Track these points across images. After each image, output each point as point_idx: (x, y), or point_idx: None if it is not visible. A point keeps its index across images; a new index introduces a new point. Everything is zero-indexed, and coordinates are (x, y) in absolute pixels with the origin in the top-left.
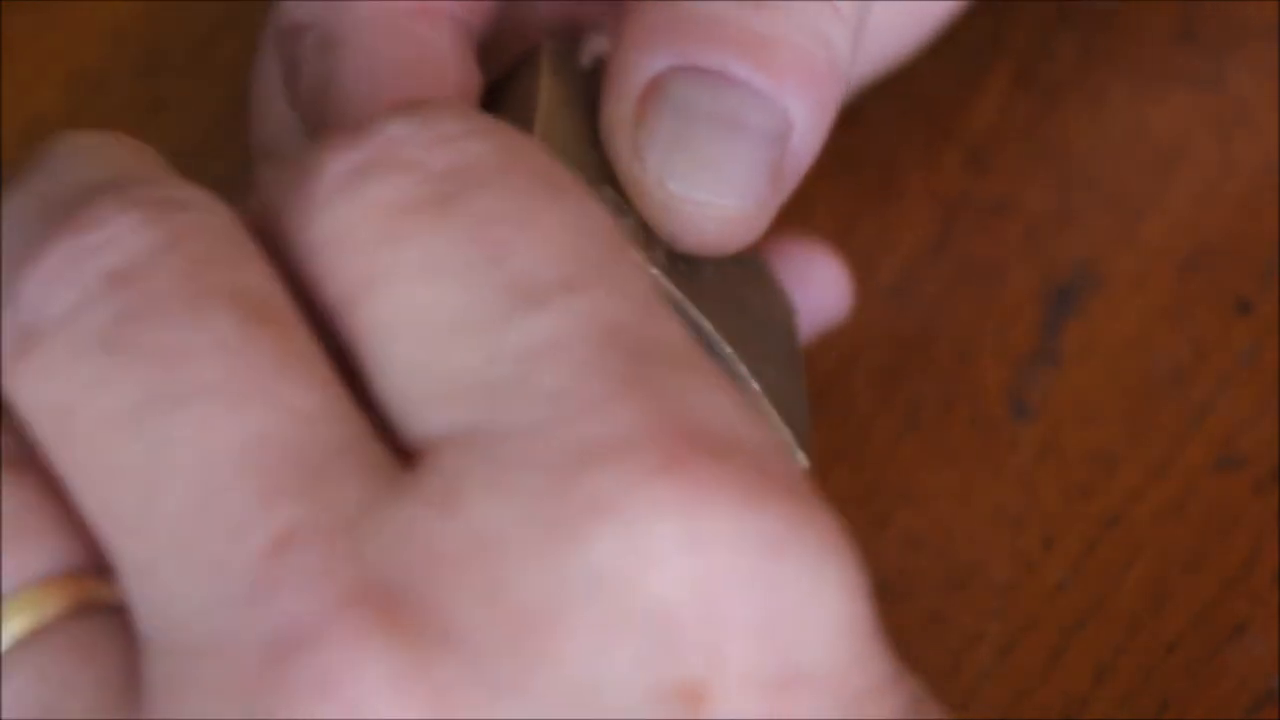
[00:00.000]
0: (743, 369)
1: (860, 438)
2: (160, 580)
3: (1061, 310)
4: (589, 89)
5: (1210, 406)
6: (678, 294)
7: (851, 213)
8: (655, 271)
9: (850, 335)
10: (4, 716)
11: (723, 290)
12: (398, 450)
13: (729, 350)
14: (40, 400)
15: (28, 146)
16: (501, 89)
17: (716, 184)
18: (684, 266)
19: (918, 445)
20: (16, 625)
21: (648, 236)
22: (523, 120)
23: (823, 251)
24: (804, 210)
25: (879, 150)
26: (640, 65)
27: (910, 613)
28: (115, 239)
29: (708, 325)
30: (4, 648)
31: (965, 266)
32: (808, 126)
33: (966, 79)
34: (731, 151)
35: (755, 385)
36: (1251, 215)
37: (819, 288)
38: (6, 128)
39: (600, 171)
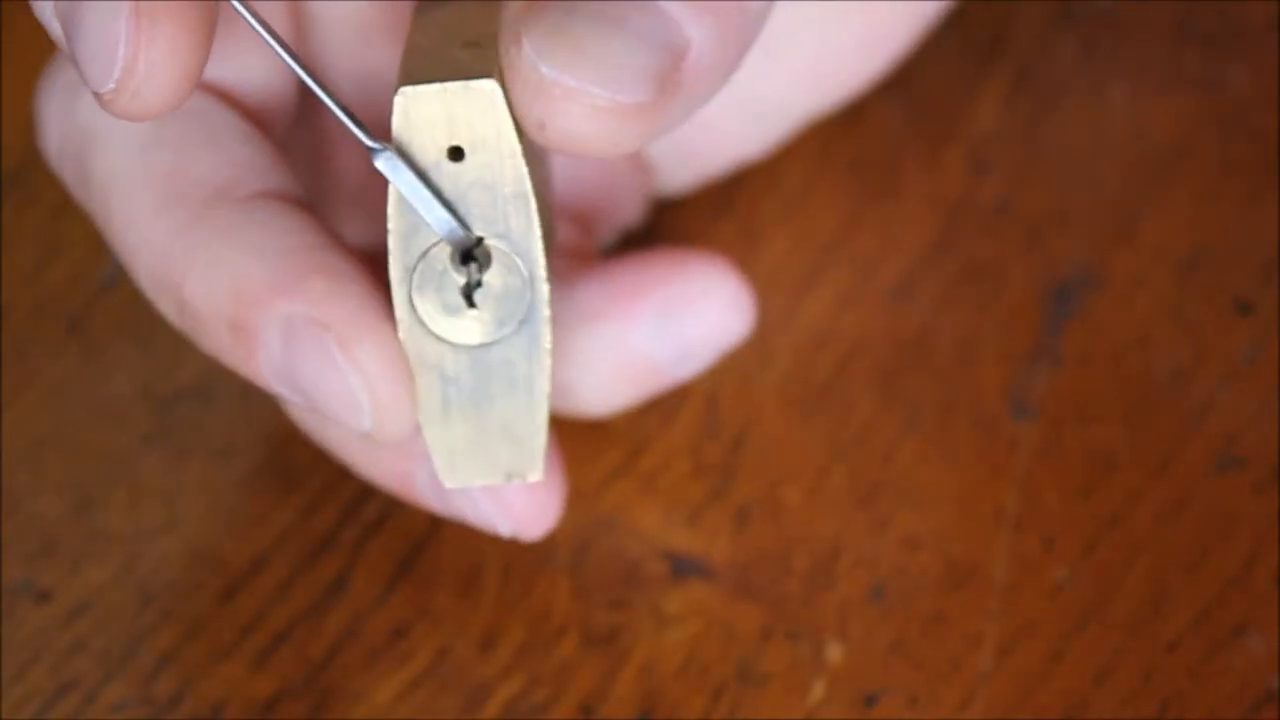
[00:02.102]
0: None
1: (860, 438)
2: None
3: (1061, 310)
4: None
5: (1210, 406)
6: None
7: (852, 213)
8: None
9: (850, 335)
10: None
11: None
12: None
13: (542, 258)
14: None
15: (28, 146)
16: None
17: (591, 71)
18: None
19: (918, 445)
20: None
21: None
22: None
23: (723, 268)
24: (804, 210)
25: (879, 150)
26: None
27: (910, 613)
28: None
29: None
30: None
31: (965, 267)
32: (705, 50)
33: (966, 79)
34: (611, 44)
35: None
36: (1251, 215)
37: (718, 307)
38: (6, 128)
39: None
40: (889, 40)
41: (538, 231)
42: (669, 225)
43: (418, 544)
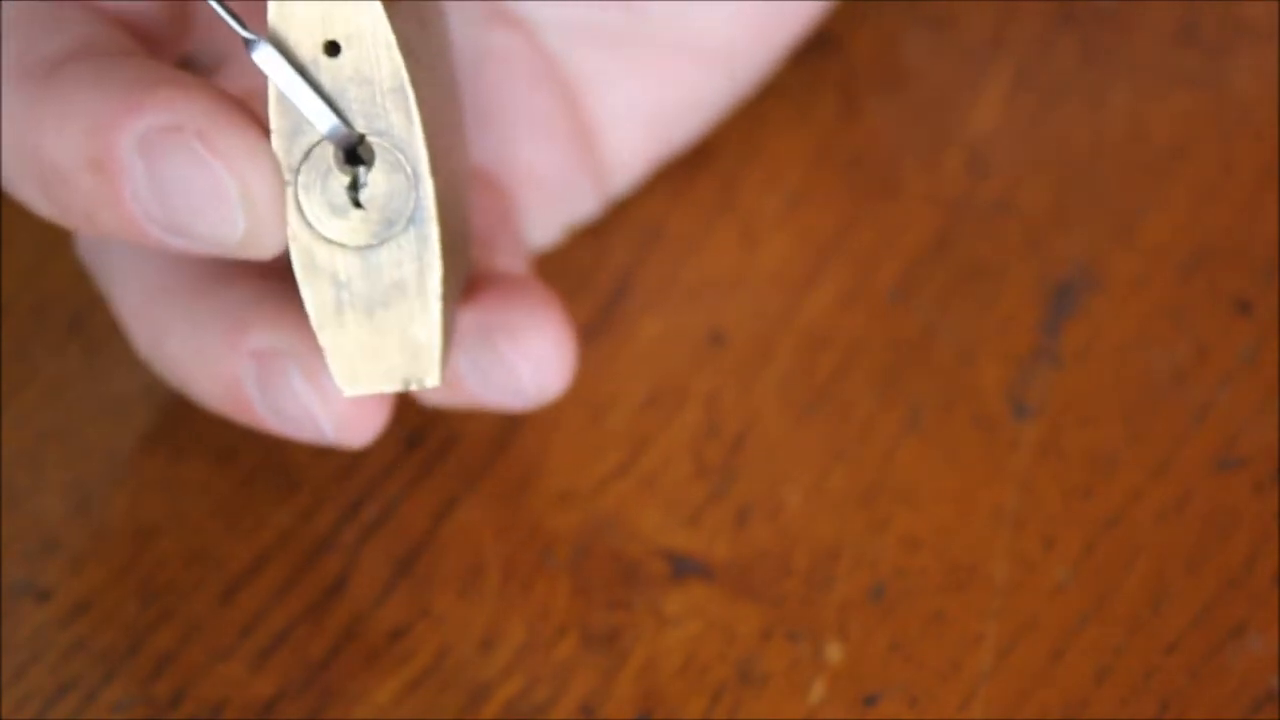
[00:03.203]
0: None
1: (860, 438)
2: None
3: (1061, 310)
4: None
5: (1210, 406)
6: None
7: (851, 213)
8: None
9: (850, 335)
10: None
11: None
12: None
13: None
14: None
15: None
16: None
17: None
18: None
19: (918, 445)
20: None
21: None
22: None
23: (551, 319)
24: (804, 210)
25: (879, 150)
26: None
27: (910, 613)
28: None
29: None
30: None
31: (965, 267)
32: None
33: (966, 79)
34: None
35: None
36: (1251, 215)
37: (531, 359)
38: None
39: None
40: None
41: (419, 127)
42: (669, 225)
43: (418, 544)
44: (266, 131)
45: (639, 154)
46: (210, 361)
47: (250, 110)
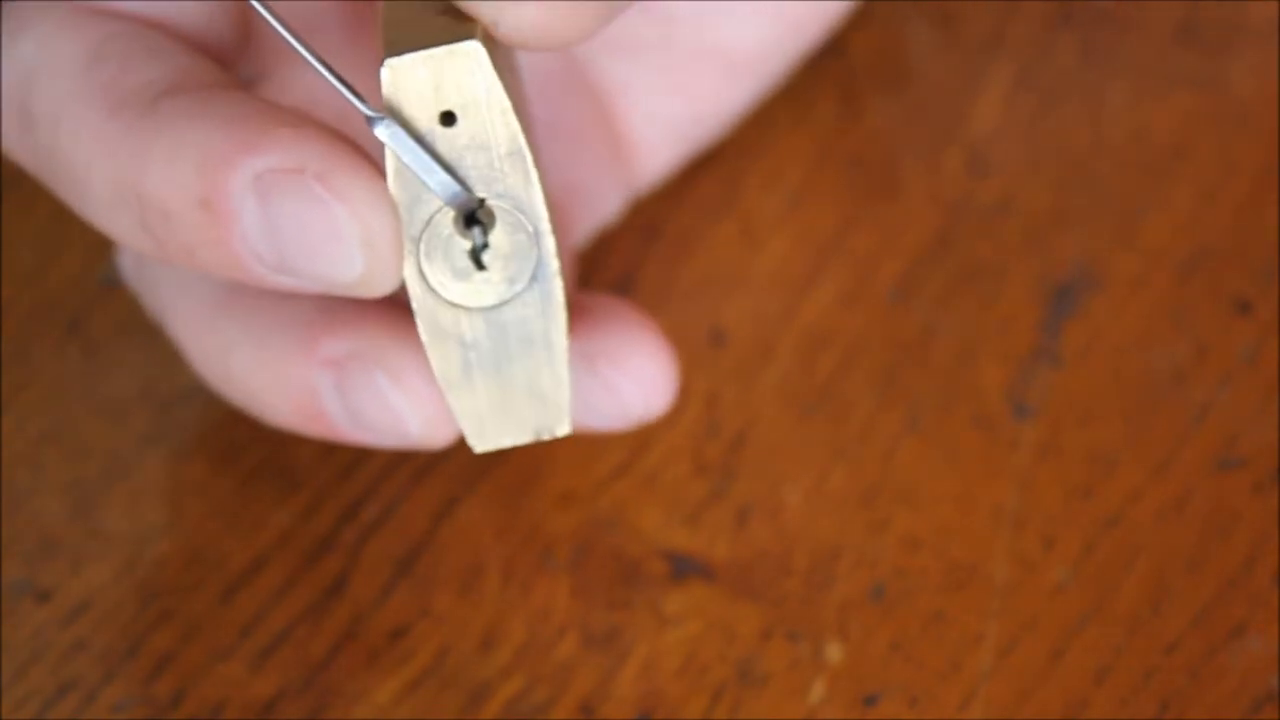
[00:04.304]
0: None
1: (860, 438)
2: None
3: (1061, 310)
4: None
5: (1210, 406)
6: (507, 102)
7: (851, 213)
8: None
9: (850, 335)
10: None
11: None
12: None
13: (529, 156)
14: None
15: None
16: None
17: None
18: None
19: (918, 445)
20: None
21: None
22: None
23: (649, 339)
24: (804, 210)
25: (879, 150)
26: None
27: (910, 613)
28: None
29: (521, 136)
30: None
31: (965, 267)
32: None
33: (966, 79)
34: None
35: (535, 172)
36: (1251, 215)
37: (637, 380)
38: None
39: None
40: None
41: (538, 186)
42: (670, 225)
43: (418, 544)
44: (381, 172)
45: (664, 159)
46: (280, 374)
47: (363, 149)
